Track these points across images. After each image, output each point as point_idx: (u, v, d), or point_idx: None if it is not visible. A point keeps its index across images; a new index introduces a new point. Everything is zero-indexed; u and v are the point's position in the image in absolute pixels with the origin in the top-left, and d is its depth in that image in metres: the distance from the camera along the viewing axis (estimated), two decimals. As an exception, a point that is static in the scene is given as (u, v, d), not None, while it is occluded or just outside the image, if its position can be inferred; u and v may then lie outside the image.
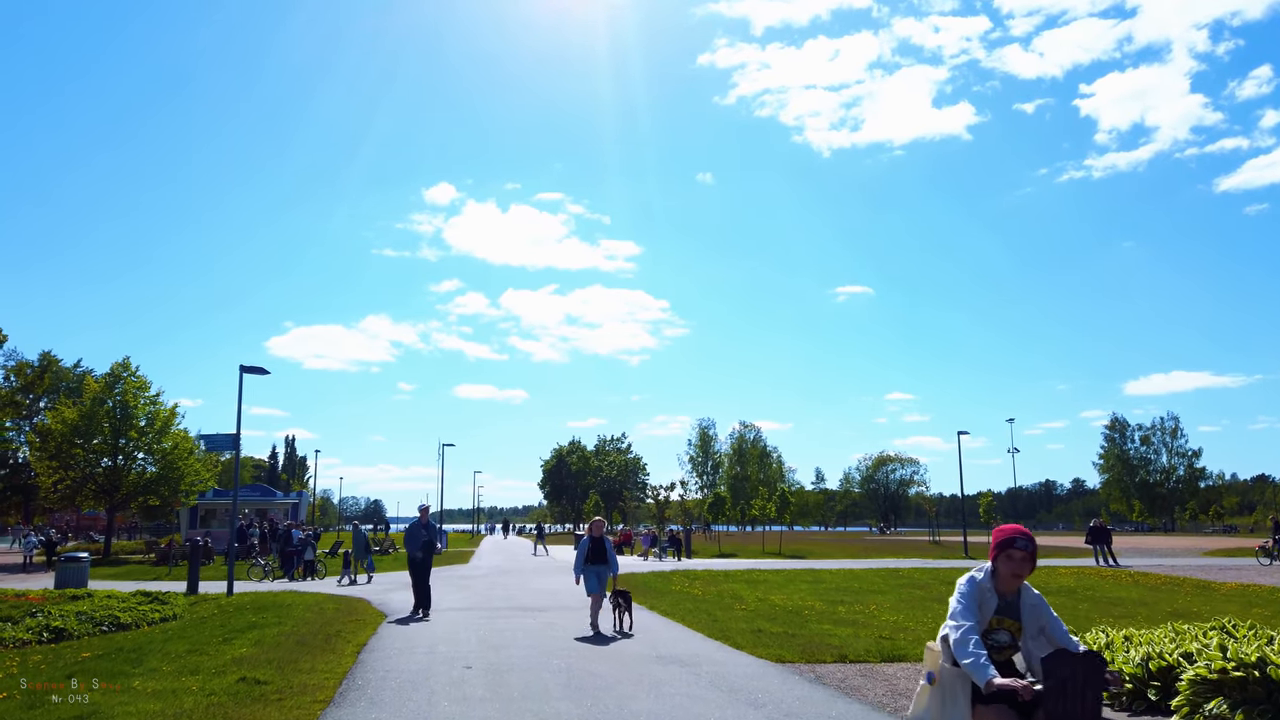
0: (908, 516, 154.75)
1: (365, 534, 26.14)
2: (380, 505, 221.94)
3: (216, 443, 21.53)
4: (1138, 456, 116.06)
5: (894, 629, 12.99)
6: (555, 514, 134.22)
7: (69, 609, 13.52)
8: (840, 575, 25.47)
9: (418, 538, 15.21)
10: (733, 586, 21.30)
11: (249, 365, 19.63)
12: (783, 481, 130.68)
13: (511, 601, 17.31)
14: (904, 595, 19.28)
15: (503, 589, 20.63)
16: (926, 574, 26.03)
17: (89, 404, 38.64)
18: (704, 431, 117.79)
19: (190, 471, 40.35)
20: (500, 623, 13.57)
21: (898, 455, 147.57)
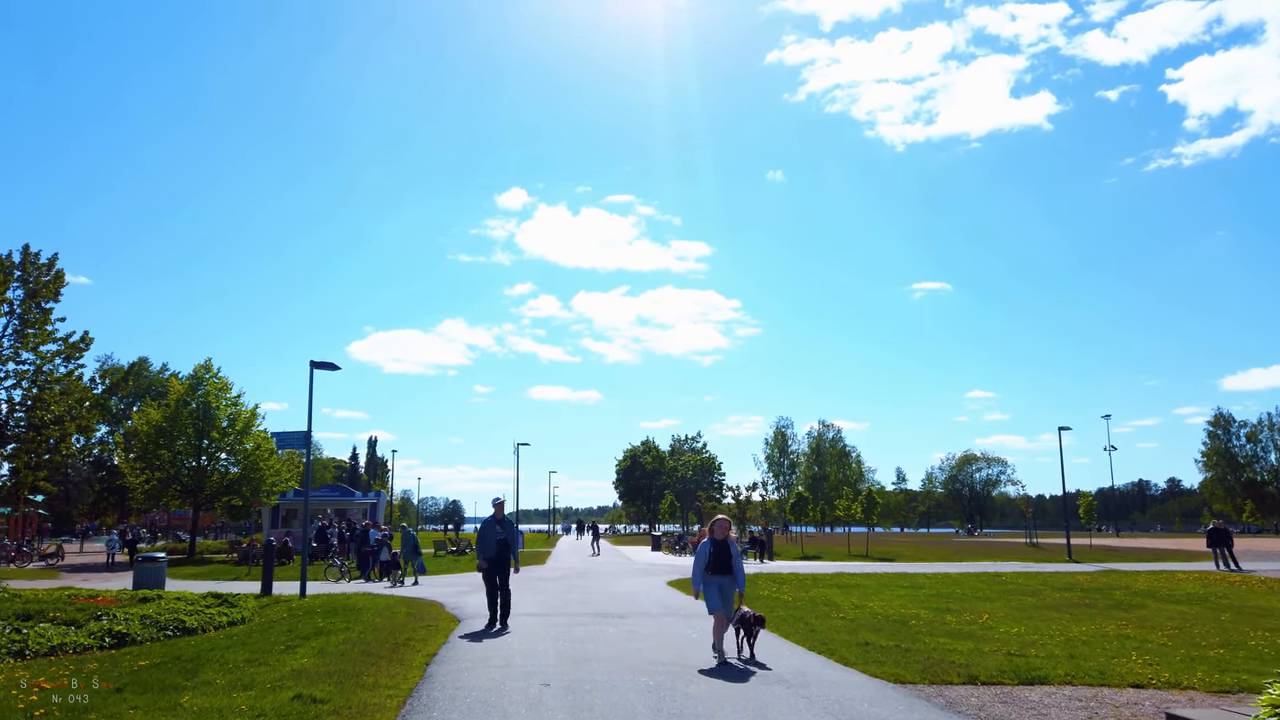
0: (993, 517, 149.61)
1: (414, 535, 25.62)
2: (459, 505, 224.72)
3: (288, 441, 21.08)
4: (1244, 454, 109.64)
5: (1020, 643, 11.54)
6: (630, 514, 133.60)
7: (135, 612, 13.02)
8: (937, 580, 23.85)
9: (490, 539, 13.28)
10: (824, 592, 19.96)
11: (319, 361, 19.11)
12: (863, 482, 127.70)
13: (590, 606, 16.33)
14: (1014, 603, 17.66)
15: (580, 592, 19.70)
16: (1031, 579, 24.21)
17: (173, 405, 39.21)
18: (781, 431, 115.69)
19: (271, 472, 40.63)
20: (579, 631, 12.57)
21: (983, 454, 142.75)
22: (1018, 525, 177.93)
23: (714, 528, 10.48)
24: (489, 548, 13.27)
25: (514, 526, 13.87)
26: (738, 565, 10.25)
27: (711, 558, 10.17)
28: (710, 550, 10.20)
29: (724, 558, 10.18)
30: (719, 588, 10.18)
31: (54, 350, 31.52)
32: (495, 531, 13.38)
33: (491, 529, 13.45)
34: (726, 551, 10.22)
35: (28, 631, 11.18)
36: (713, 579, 10.18)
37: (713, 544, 10.24)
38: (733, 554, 10.25)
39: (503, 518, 13.63)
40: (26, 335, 30.50)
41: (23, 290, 30.26)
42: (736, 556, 10.31)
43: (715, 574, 10.17)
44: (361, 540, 28.92)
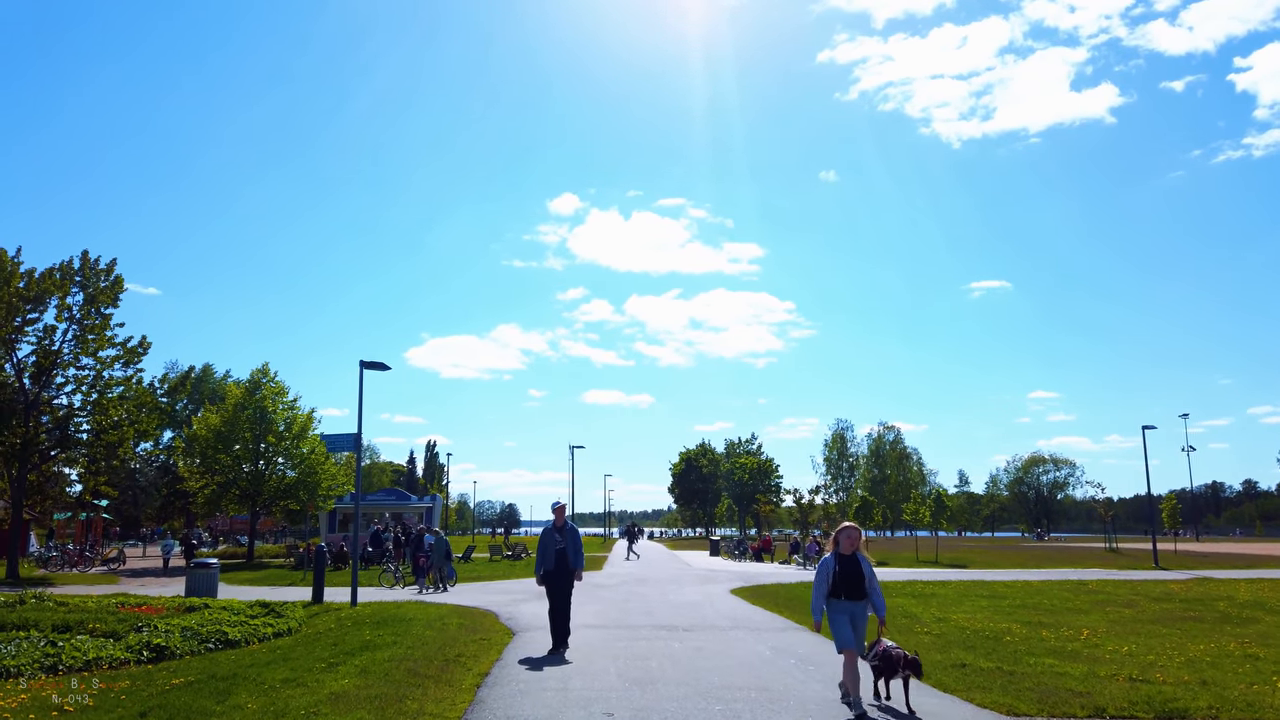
0: (1061, 521, 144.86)
1: (446, 541, 24.96)
2: (514, 509, 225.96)
3: (338, 443, 20.54)
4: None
5: (1137, 665, 10.27)
6: (685, 518, 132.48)
7: (176, 624, 12.42)
8: (1018, 589, 22.38)
9: (549, 549, 11.67)
10: (900, 602, 18.70)
11: (369, 361, 18.49)
12: (924, 484, 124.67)
13: (651, 617, 15.37)
14: (1112, 616, 16.24)
15: (640, 601, 18.75)
16: (1121, 588, 22.60)
17: (231, 410, 39.32)
18: (840, 433, 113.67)
19: (327, 476, 40.53)
20: (642, 647, 11.61)
21: (1051, 456, 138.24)
22: (1086, 529, 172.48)
23: (840, 538, 8.07)
24: (547, 558, 11.74)
25: (575, 535, 11.89)
26: (873, 586, 7.94)
27: (838, 577, 7.90)
28: (835, 568, 7.92)
29: (854, 578, 7.88)
30: (849, 617, 7.92)
31: (113, 355, 31.59)
32: (554, 540, 11.77)
33: (550, 538, 11.82)
34: (857, 569, 7.90)
35: (63, 644, 10.61)
36: (841, 606, 7.94)
37: (838, 560, 7.95)
38: (865, 572, 7.93)
39: (562, 524, 11.88)
40: (86, 340, 30.60)
41: (82, 295, 30.36)
42: (871, 575, 7.98)
43: (844, 598, 7.92)
44: (416, 545, 28.39)
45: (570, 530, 11.91)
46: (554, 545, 11.75)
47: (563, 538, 11.77)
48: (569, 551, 11.75)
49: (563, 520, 11.93)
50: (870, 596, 7.93)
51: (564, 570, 11.69)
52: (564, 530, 11.84)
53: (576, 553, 11.79)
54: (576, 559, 11.79)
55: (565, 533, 11.82)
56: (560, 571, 11.69)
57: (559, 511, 12.04)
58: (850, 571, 7.89)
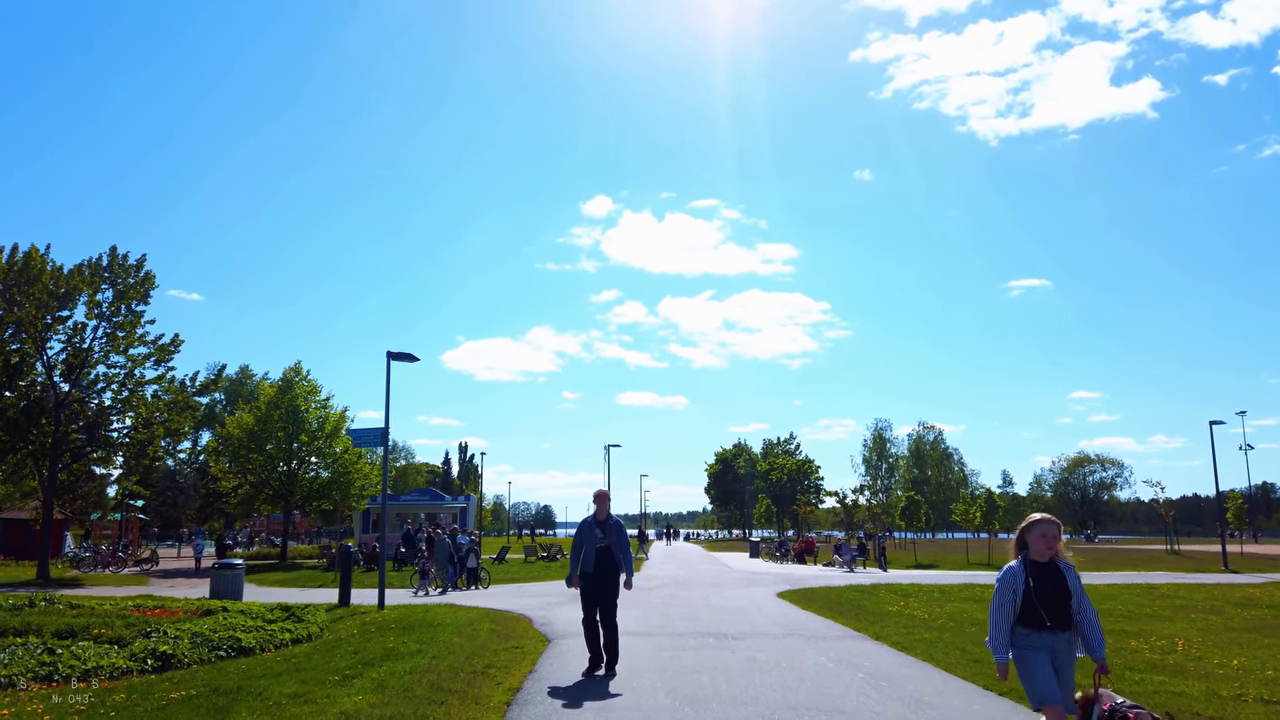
0: (1108, 523, 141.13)
1: (449, 543, 24.02)
2: (550, 510, 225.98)
3: (363, 438, 19.70)
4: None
5: (1258, 682, 8.99)
6: (722, 519, 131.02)
7: (187, 629, 11.56)
8: (1088, 594, 20.94)
9: (589, 546, 9.56)
10: (961, 607, 17.43)
11: (396, 352, 17.62)
12: (965, 485, 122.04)
13: (696, 623, 14.27)
14: (1200, 624, 14.86)
15: (683, 605, 17.67)
16: (1196, 592, 21.09)
17: (264, 409, 38.88)
18: (879, 433, 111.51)
19: (360, 475, 39.95)
20: (689, 657, 10.52)
21: (1098, 456, 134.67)
22: (1133, 530, 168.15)
23: (1031, 537, 5.55)
24: (586, 558, 9.52)
25: (621, 530, 9.65)
26: (1084, 608, 5.46)
27: (1032, 595, 5.38)
28: (1027, 580, 5.43)
29: (1057, 596, 5.38)
30: (1050, 655, 5.42)
31: (145, 353, 31.17)
32: (594, 537, 9.56)
33: (590, 533, 9.60)
34: (1061, 583, 5.41)
35: (62, 652, 9.78)
36: (1037, 639, 5.41)
37: (1028, 567, 5.49)
38: (1072, 587, 5.44)
39: (605, 517, 9.70)
40: (116, 338, 30.20)
41: (111, 292, 29.95)
42: (1080, 592, 5.49)
43: (1042, 628, 5.38)
44: (432, 545, 27.54)
45: (615, 525, 9.65)
46: (595, 542, 9.53)
47: (605, 534, 9.57)
48: (614, 551, 9.55)
49: (605, 512, 9.73)
50: (1081, 626, 5.44)
51: (608, 573, 9.52)
52: (607, 525, 9.62)
53: (624, 552, 9.58)
54: (625, 560, 9.58)
55: (608, 528, 9.60)
56: (603, 575, 9.50)
57: (601, 500, 9.80)
58: (1050, 586, 5.38)
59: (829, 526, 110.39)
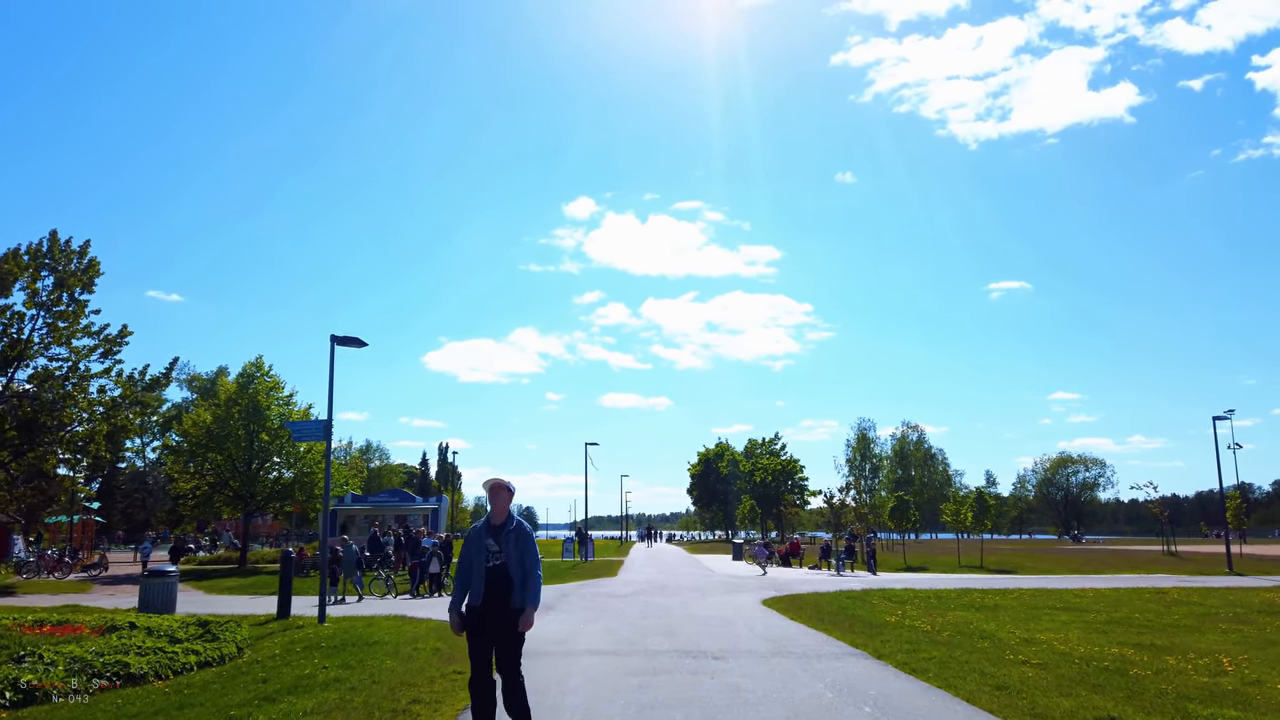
0: (1090, 523, 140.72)
1: (355, 550, 22.37)
2: (532, 512, 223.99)
3: (303, 431, 17.95)
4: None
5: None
6: (705, 520, 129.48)
7: (69, 650, 9.79)
8: (1092, 598, 19.47)
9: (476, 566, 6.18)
10: (964, 616, 15.87)
11: (341, 336, 15.90)
12: (949, 486, 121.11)
13: (672, 638, 12.62)
14: (1234, 637, 13.34)
15: (659, 616, 16.01)
16: (1211, 598, 19.63)
17: (224, 406, 36.91)
18: (863, 433, 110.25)
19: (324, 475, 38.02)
20: (662, 686, 8.85)
21: (1080, 456, 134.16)
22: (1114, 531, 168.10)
23: None
24: (475, 585, 6.14)
25: (525, 539, 6.25)
26: None
27: None
28: None
29: None
30: None
31: (90, 345, 29.16)
32: (484, 549, 6.20)
33: (478, 544, 6.24)
34: None
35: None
36: None
37: None
38: None
39: (504, 520, 6.31)
40: (58, 328, 28.18)
41: (52, 279, 27.93)
42: None
43: None
44: (412, 550, 25.79)
45: (516, 532, 6.22)
46: (484, 560, 6.14)
47: (501, 545, 6.16)
48: (512, 570, 6.10)
49: (505, 512, 6.32)
50: None
51: (503, 607, 6.03)
52: (504, 532, 6.21)
53: (528, 573, 6.11)
54: (528, 586, 6.08)
55: (506, 536, 6.19)
56: (496, 610, 6.03)
57: (497, 493, 6.31)
58: None
59: (813, 527, 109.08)
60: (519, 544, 6.20)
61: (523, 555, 6.17)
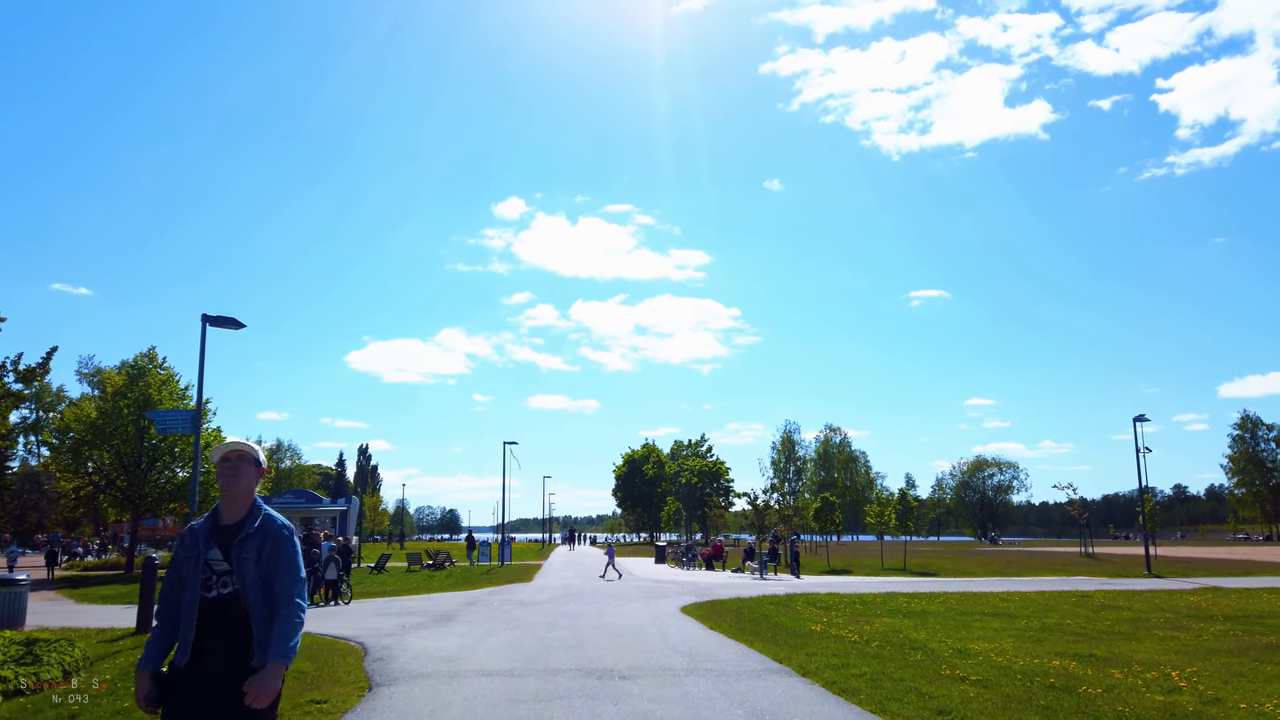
0: (1005, 525, 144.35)
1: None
2: (455, 514, 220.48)
3: (170, 422, 16.14)
4: (1271, 458, 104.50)
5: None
6: (629, 523, 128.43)
7: None
8: (1019, 603, 18.88)
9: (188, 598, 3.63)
10: (893, 624, 14.97)
11: (216, 316, 14.20)
12: (871, 489, 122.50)
13: (579, 654, 11.33)
14: (1173, 645, 12.69)
15: (568, 626, 14.71)
16: (1136, 600, 19.23)
17: (110, 400, 34.25)
18: (788, 435, 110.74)
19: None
20: (555, 716, 7.56)
21: (995, 459, 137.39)
22: (1026, 532, 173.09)
23: None
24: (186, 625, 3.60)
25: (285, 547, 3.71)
26: None
27: None
28: None
29: None
30: None
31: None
32: (205, 567, 3.66)
33: (191, 558, 3.66)
34: None
35: None
36: None
37: None
38: None
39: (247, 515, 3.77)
40: (-88, 311, 25.46)
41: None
42: None
43: None
44: (306, 555, 23.96)
45: (263, 538, 3.71)
46: (196, 587, 3.62)
47: (233, 561, 3.65)
48: (250, 603, 3.63)
49: (247, 501, 3.80)
50: None
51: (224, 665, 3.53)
52: (242, 536, 3.69)
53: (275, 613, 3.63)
54: (271, 634, 3.58)
55: (245, 545, 3.67)
56: (213, 670, 3.53)
57: (232, 466, 3.76)
58: None
59: (738, 530, 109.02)
60: (270, 557, 3.68)
61: (273, 576, 3.68)
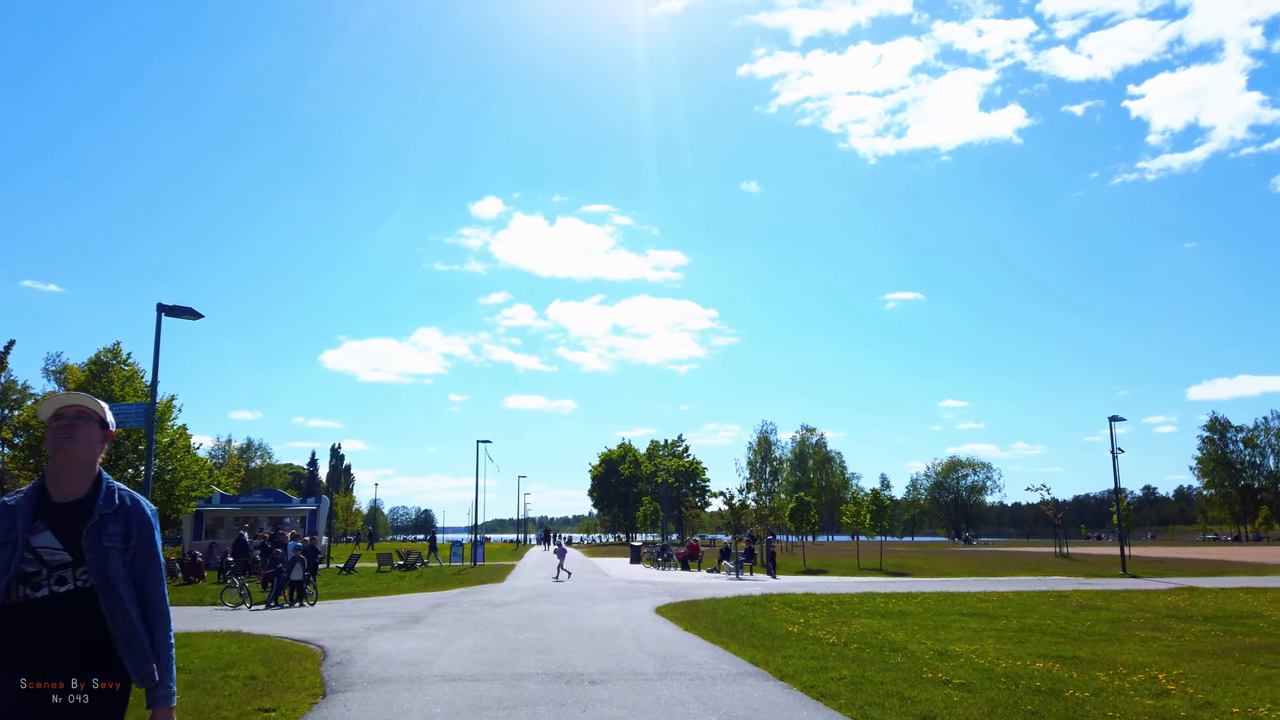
0: (979, 525, 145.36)
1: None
2: (430, 515, 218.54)
3: (124, 416, 15.53)
4: (1239, 460, 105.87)
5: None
6: (605, 523, 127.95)
7: None
8: (997, 603, 18.64)
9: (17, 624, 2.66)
10: (871, 625, 14.66)
11: (172, 305, 13.60)
12: (847, 489, 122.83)
13: (548, 657, 10.90)
14: (1154, 645, 12.45)
15: (537, 628, 14.26)
16: (1114, 600, 19.06)
17: (71, 396, 33.33)
18: (764, 436, 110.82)
19: (187, 474, 34.87)
20: (520, 722, 7.13)
21: (969, 460, 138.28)
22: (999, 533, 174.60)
23: None
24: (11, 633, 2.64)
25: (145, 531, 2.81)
26: None
27: None
28: None
29: None
30: None
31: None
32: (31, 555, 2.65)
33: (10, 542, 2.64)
34: None
35: None
36: None
37: None
38: None
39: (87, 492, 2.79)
40: None
41: None
42: None
43: None
44: (270, 554, 23.31)
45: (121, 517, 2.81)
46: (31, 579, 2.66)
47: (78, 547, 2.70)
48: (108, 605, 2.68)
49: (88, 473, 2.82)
50: None
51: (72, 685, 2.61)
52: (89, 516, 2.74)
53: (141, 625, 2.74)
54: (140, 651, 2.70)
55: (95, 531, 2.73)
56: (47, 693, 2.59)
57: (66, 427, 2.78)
58: None
59: (714, 529, 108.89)
60: (141, 548, 2.84)
61: (143, 574, 2.82)
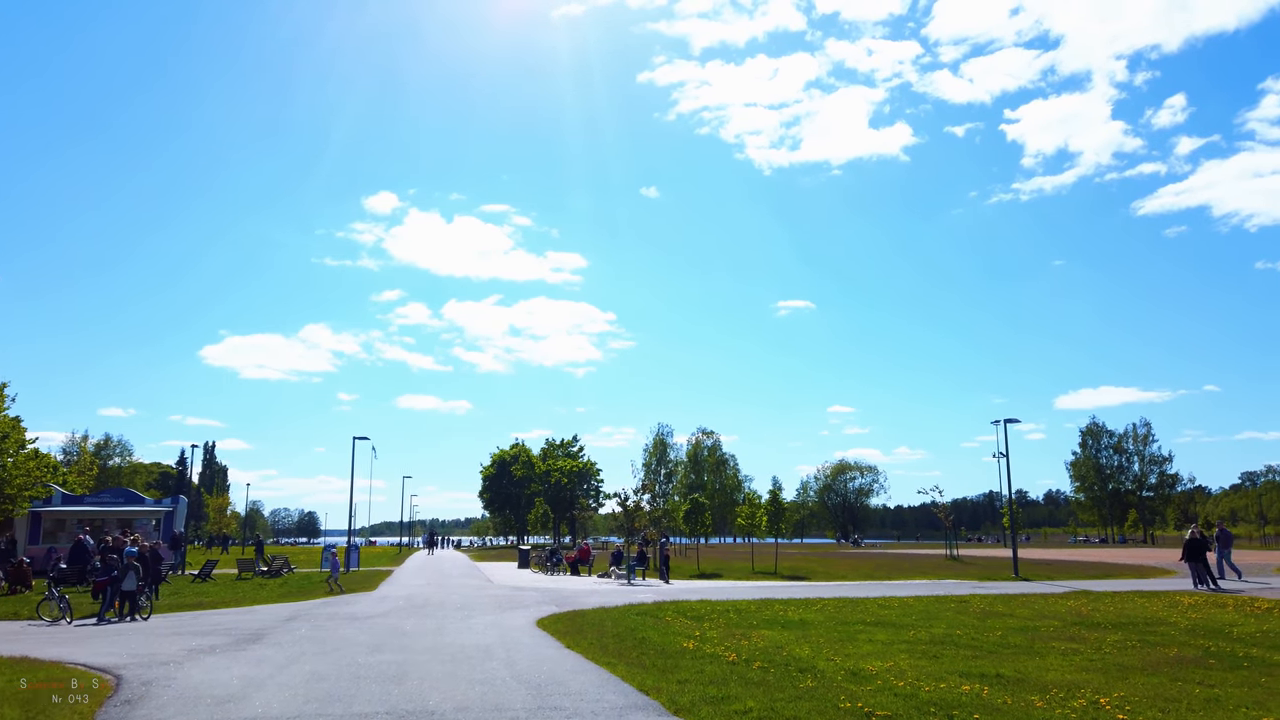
0: (865, 527, 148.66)
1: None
2: (314, 517, 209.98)
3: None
4: (1110, 464, 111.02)
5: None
6: (497, 525, 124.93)
7: None
8: (899, 610, 17.69)
9: None
10: (773, 637, 13.35)
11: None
12: (740, 491, 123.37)
13: (398, 686, 9.09)
14: (1075, 659, 11.49)
15: (396, 648, 12.37)
16: (1015, 606, 18.40)
17: (-122, 382, 29.26)
18: (660, 438, 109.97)
19: (19, 471, 31.10)
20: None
21: (856, 464, 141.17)
22: (883, 535, 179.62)
23: None
24: None
25: None
26: None
27: None
28: None
29: None
30: None
31: None
32: None
33: None
34: None
35: None
36: None
37: None
38: None
39: None
40: None
41: None
42: None
43: None
44: (105, 561, 20.49)
45: None
46: None
47: None
48: None
49: None
50: None
51: None
52: None
53: None
54: None
55: None
56: None
57: None
58: None
59: (608, 532, 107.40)
60: None
61: None
